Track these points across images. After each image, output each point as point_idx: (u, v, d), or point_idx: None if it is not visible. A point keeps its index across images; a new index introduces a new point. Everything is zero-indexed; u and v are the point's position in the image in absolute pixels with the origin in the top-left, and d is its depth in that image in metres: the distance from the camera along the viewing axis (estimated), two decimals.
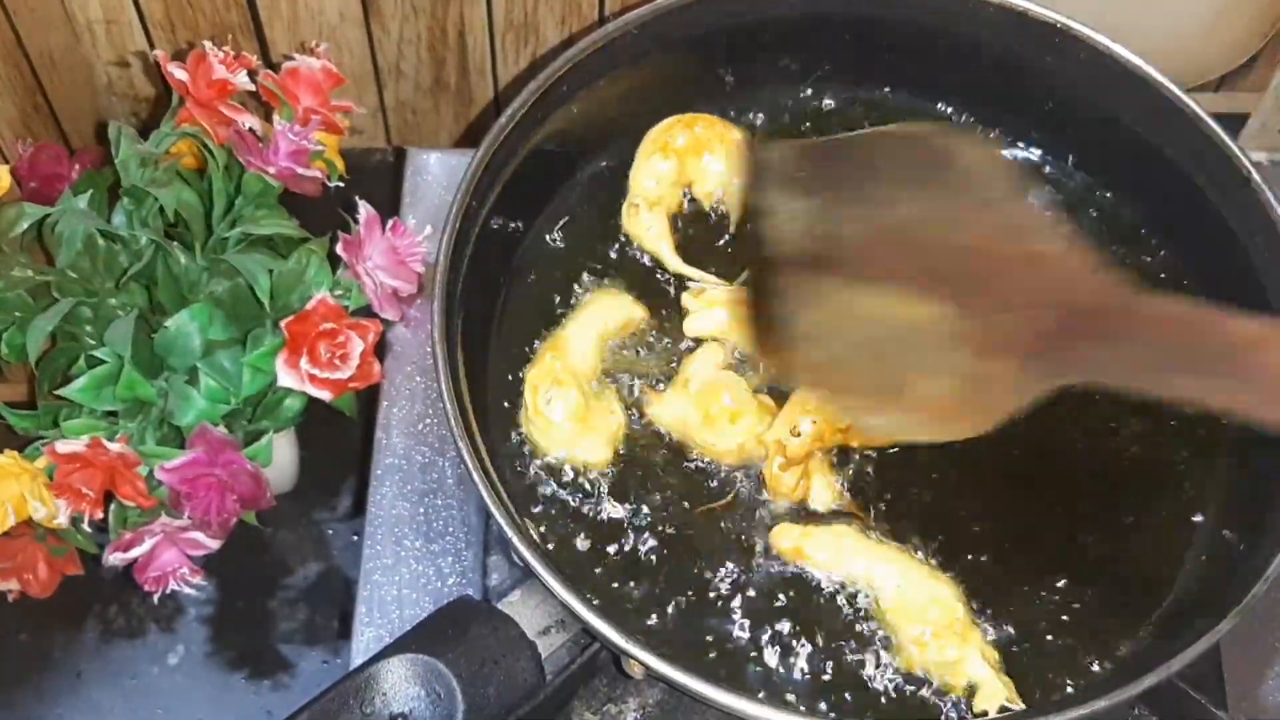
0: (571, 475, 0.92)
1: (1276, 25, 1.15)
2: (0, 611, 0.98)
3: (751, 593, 0.89)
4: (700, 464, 0.93)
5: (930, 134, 0.88)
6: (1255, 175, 0.93)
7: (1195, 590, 0.89)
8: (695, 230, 1.02)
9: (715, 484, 0.92)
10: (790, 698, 0.85)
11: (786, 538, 0.89)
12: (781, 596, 0.88)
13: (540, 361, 0.94)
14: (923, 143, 0.83)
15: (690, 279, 0.98)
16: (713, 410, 0.91)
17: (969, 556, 0.90)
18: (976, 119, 1.07)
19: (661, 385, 0.94)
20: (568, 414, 0.91)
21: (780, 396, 0.93)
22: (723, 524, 0.91)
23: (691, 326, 0.96)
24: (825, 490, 0.91)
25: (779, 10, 1.03)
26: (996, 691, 0.84)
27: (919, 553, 0.89)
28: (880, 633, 0.87)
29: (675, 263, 0.99)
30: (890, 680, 0.86)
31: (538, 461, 0.92)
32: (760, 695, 0.85)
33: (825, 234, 0.78)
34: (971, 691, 0.84)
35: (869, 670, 0.86)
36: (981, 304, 0.75)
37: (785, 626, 0.87)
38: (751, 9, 1.02)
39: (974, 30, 1.02)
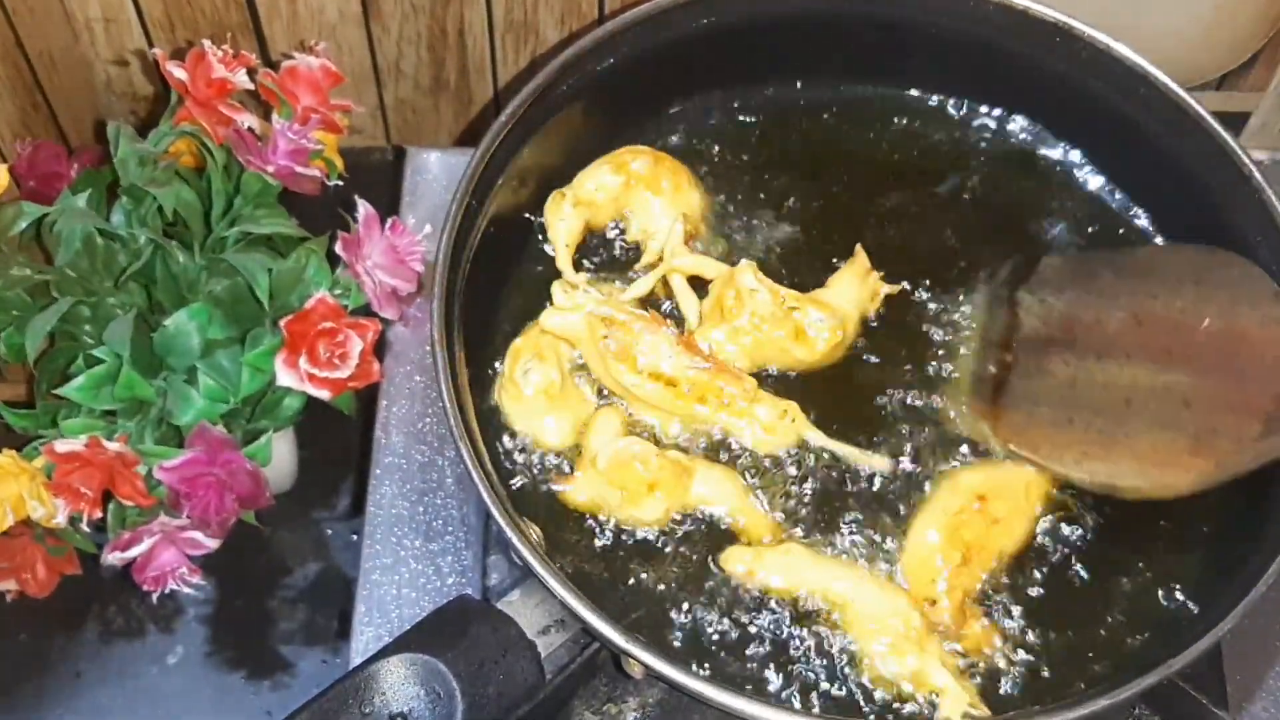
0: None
1: (1277, 25, 1.15)
2: None
3: (728, 609, 0.88)
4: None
5: (1198, 252, 0.94)
6: (1256, 174, 0.94)
7: (1196, 590, 0.89)
8: (601, 250, 1.00)
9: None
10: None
11: (739, 562, 0.88)
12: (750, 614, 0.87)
13: (528, 333, 0.94)
14: (1188, 258, 0.94)
15: (569, 281, 0.96)
16: (630, 484, 0.88)
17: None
18: (973, 118, 1.07)
19: (569, 467, 0.92)
20: (541, 388, 0.91)
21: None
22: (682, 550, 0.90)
23: (549, 319, 0.94)
24: (988, 636, 0.87)
25: (779, 9, 1.03)
26: (959, 698, 0.83)
27: (880, 563, 0.89)
28: (845, 644, 0.86)
29: (565, 260, 0.98)
30: (853, 690, 0.85)
31: (534, 455, 0.92)
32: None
33: (1063, 319, 0.92)
34: (935, 698, 0.84)
35: (830, 684, 0.85)
36: (1221, 375, 0.86)
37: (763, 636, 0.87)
38: (752, 8, 1.02)
39: (974, 29, 1.02)
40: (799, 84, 1.07)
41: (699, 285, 0.98)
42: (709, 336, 0.94)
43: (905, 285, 0.97)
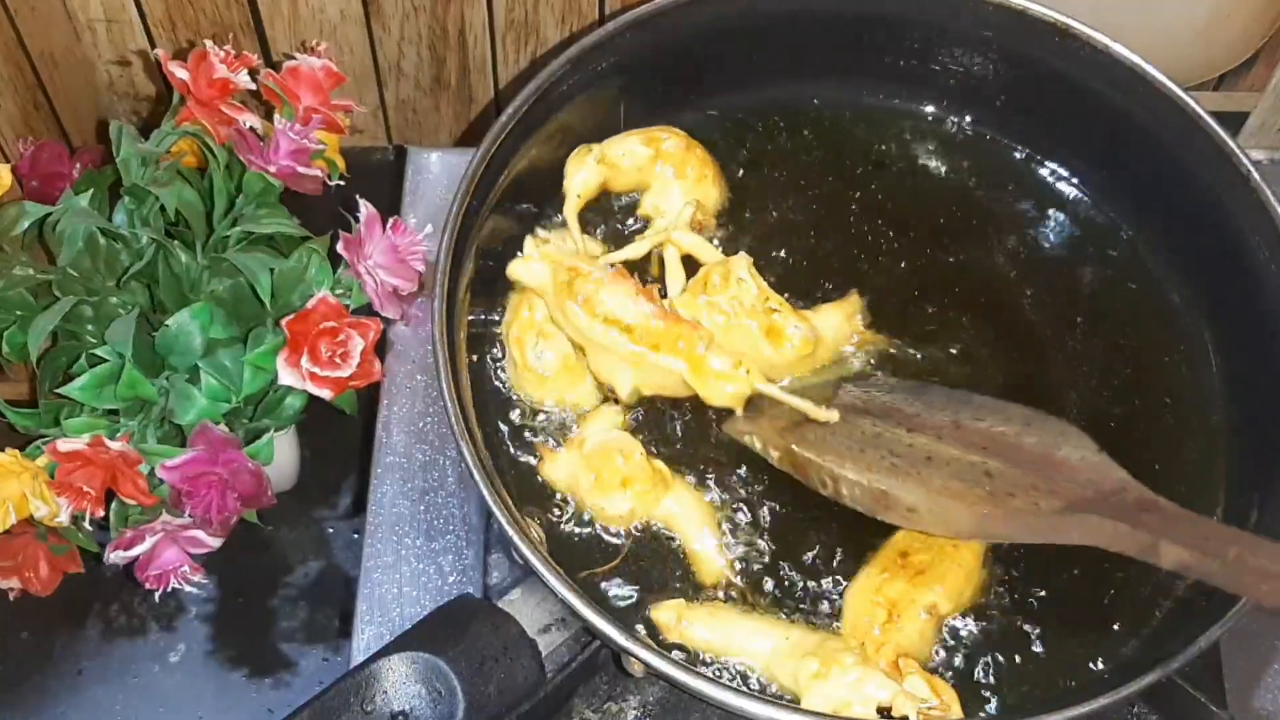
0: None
1: (1276, 25, 1.15)
2: (2, 610, 0.98)
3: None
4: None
5: (1030, 411, 0.92)
6: (1255, 174, 0.94)
7: (1195, 589, 0.89)
8: (611, 219, 1.01)
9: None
10: None
11: (669, 613, 0.87)
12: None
13: (517, 315, 0.94)
14: (1021, 412, 0.92)
15: (556, 228, 0.97)
16: (605, 473, 0.89)
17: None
18: (974, 119, 1.07)
19: (558, 446, 0.93)
20: (558, 364, 0.92)
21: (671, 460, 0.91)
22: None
23: (515, 269, 0.94)
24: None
25: (780, 8, 1.03)
26: (909, 699, 0.81)
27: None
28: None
29: (572, 208, 0.98)
30: None
31: (535, 458, 0.92)
32: None
33: (883, 405, 0.91)
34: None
35: None
36: (1029, 470, 0.86)
37: None
38: (753, 7, 1.02)
39: (973, 29, 1.02)
40: (802, 86, 1.07)
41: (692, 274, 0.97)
42: (686, 304, 0.93)
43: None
